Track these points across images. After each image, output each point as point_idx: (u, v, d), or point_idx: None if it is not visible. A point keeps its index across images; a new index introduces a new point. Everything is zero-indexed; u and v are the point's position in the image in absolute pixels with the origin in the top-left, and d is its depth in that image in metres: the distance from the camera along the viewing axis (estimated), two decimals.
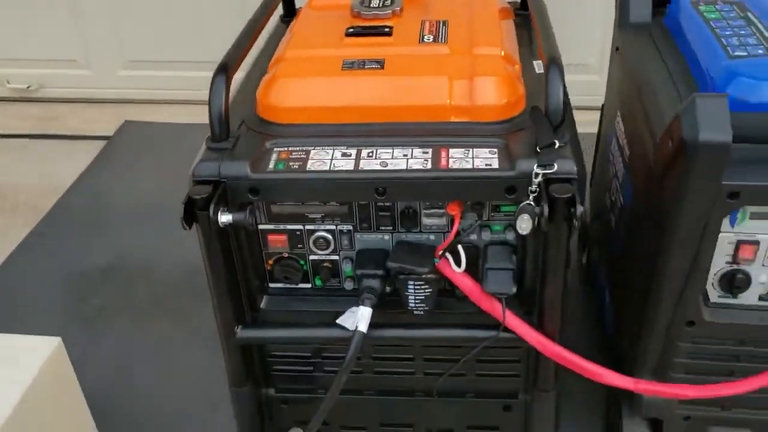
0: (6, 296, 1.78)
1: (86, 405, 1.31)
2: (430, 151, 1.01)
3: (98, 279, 1.82)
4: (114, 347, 1.62)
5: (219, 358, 1.20)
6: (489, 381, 1.19)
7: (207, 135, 1.05)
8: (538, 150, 0.98)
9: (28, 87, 2.70)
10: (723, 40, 1.09)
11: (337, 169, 0.99)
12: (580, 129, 1.10)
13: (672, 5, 1.29)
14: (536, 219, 0.95)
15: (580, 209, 0.94)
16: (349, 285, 1.13)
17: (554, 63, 1.01)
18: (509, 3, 1.41)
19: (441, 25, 1.17)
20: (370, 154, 1.01)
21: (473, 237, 1.07)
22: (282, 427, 1.24)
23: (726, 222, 1.00)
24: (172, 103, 2.61)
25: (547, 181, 0.96)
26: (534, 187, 0.96)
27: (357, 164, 1.00)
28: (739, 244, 1.02)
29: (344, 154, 1.01)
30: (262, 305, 1.15)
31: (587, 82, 1.87)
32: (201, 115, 1.07)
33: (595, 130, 1.64)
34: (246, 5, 1.29)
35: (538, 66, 1.22)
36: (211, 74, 1.04)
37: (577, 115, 1.28)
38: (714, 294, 1.07)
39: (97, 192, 2.17)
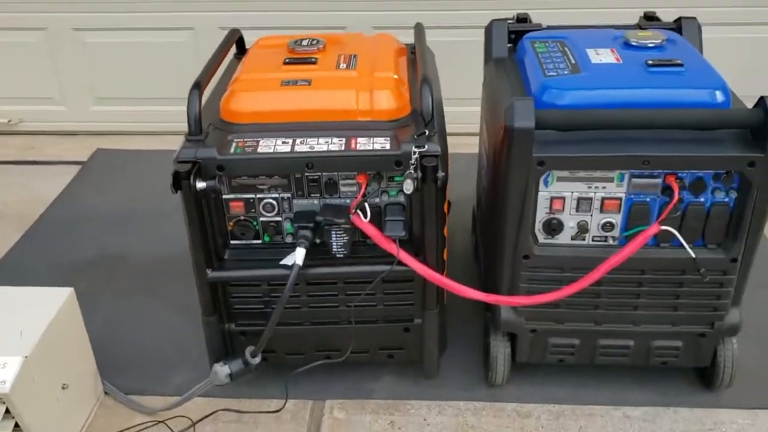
0: (6, 284, 2.12)
1: (90, 345, 1.69)
2: (344, 139, 1.48)
3: (85, 267, 2.19)
4: (101, 318, 1.99)
5: (186, 318, 1.58)
6: (392, 309, 1.64)
7: (185, 132, 1.50)
8: (415, 137, 1.46)
9: (8, 121, 3.05)
10: (544, 65, 1.61)
11: (278, 151, 1.45)
12: (471, 150, 1.55)
13: (519, 44, 1.81)
14: (415, 182, 1.42)
15: (441, 174, 1.43)
16: (289, 240, 1.58)
17: (425, 81, 1.50)
18: (406, 45, 1.91)
19: (352, 57, 1.66)
20: (302, 142, 1.48)
21: (377, 200, 1.53)
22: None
23: (542, 183, 1.50)
24: (138, 134, 2.98)
25: (421, 157, 1.43)
26: (413, 161, 1.43)
27: (293, 148, 1.46)
28: (552, 199, 1.51)
29: (283, 142, 1.47)
30: (226, 256, 1.58)
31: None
32: (162, 143, 1.48)
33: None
34: (198, 52, 1.71)
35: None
36: (170, 108, 1.47)
37: (470, 140, 1.74)
38: (541, 236, 1.56)
39: (78, 204, 2.54)
